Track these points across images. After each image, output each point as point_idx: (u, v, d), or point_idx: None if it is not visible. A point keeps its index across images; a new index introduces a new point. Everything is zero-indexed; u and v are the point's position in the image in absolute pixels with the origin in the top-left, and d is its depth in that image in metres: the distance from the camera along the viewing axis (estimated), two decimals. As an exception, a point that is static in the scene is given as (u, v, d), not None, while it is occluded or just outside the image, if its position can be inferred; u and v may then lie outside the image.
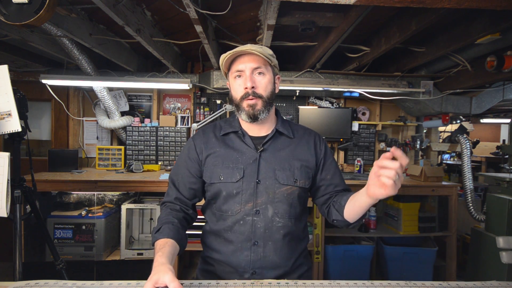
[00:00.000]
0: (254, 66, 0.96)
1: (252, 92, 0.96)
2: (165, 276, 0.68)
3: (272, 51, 0.99)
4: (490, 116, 4.88)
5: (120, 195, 2.81)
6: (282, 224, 0.97)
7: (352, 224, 0.95)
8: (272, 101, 1.01)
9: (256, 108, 0.97)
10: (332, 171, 1.05)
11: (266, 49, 0.97)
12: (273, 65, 1.01)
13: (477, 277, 2.31)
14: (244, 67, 0.96)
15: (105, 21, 2.01)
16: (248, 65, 0.95)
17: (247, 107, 0.97)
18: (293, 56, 2.84)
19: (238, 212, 0.96)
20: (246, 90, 0.96)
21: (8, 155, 1.45)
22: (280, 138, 1.04)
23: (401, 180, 0.73)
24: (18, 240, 1.51)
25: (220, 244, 0.99)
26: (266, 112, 0.99)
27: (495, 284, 0.83)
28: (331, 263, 2.53)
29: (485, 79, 2.37)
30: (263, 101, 0.97)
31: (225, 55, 0.96)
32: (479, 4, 1.15)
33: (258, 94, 0.96)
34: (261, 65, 0.96)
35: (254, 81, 0.96)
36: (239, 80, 0.98)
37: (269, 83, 0.99)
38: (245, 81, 0.95)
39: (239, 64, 0.96)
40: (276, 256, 0.96)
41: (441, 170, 2.74)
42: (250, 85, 0.95)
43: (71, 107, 3.10)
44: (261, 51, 0.94)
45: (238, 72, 0.97)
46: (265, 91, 0.98)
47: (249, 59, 0.95)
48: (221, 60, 0.99)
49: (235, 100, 1.00)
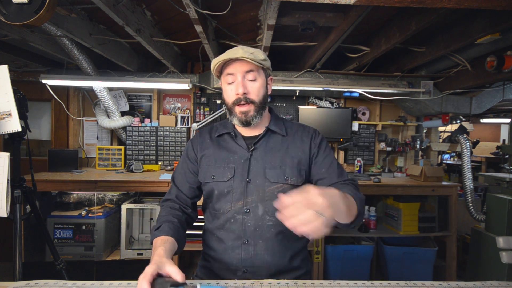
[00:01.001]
0: (246, 69, 0.96)
1: (244, 98, 0.96)
2: (171, 268, 0.69)
3: (264, 54, 0.97)
4: (490, 116, 4.89)
5: (120, 195, 2.81)
6: (273, 223, 0.97)
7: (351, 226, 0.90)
8: (265, 104, 1.02)
9: (249, 114, 0.98)
10: (327, 165, 1.01)
11: (258, 54, 0.95)
12: (265, 68, 1.00)
13: (477, 277, 2.31)
14: (235, 71, 0.96)
15: (105, 21, 2.01)
16: (239, 69, 0.95)
17: (240, 114, 0.98)
18: (293, 56, 2.84)
19: (229, 211, 0.98)
20: (238, 96, 0.96)
21: (8, 155, 1.45)
22: (272, 136, 1.05)
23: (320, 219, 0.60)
24: (18, 240, 1.51)
25: (215, 242, 1.01)
26: (259, 117, 1.00)
27: (495, 284, 0.83)
28: (331, 263, 2.53)
29: (485, 79, 2.37)
30: (256, 106, 0.98)
31: (216, 60, 0.95)
32: (479, 4, 1.15)
33: (250, 99, 0.97)
34: (253, 68, 0.96)
35: (246, 86, 0.96)
36: (231, 85, 0.98)
37: (262, 87, 0.99)
38: (237, 87, 0.96)
39: (231, 68, 0.96)
40: (268, 254, 0.96)
41: (441, 170, 2.74)
42: (242, 91, 0.95)
43: (71, 107, 3.10)
44: (252, 57, 0.93)
45: (230, 76, 0.97)
46: (257, 96, 0.98)
47: (241, 63, 0.95)
48: (212, 65, 0.99)
49: (227, 104, 1.01)
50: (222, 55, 0.95)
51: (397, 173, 3.08)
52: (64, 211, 2.61)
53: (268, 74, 1.04)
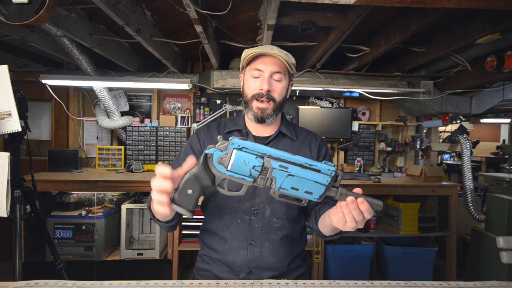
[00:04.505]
0: (275, 70, 0.96)
1: (267, 95, 0.96)
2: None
3: (294, 60, 1.00)
4: (490, 116, 4.88)
5: (120, 195, 2.81)
6: (279, 225, 0.96)
7: (328, 237, 0.90)
8: (283, 106, 1.03)
9: (266, 112, 0.98)
10: None
11: (291, 58, 0.98)
12: (291, 73, 1.02)
13: (477, 277, 2.31)
14: (264, 68, 0.96)
15: (105, 21, 2.01)
16: (269, 68, 0.96)
17: (256, 109, 0.98)
18: (293, 56, 2.84)
19: (236, 211, 0.96)
20: (261, 91, 0.96)
21: (8, 155, 1.45)
22: (283, 139, 1.05)
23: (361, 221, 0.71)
24: (18, 240, 1.51)
25: (217, 242, 0.99)
26: (275, 116, 1.00)
27: (495, 284, 0.83)
28: (331, 263, 2.53)
29: (485, 79, 2.37)
30: (275, 105, 0.98)
31: (249, 51, 0.96)
32: (479, 4, 1.15)
33: (272, 97, 0.97)
34: (281, 70, 0.97)
35: (271, 84, 0.97)
36: (256, 79, 0.98)
37: (284, 89, 1.01)
38: (263, 83, 0.96)
39: (261, 63, 0.97)
40: (273, 256, 0.96)
41: (441, 170, 2.74)
42: (266, 87, 0.96)
43: (71, 107, 3.10)
44: (286, 58, 0.95)
45: (257, 71, 0.97)
46: (279, 96, 0.99)
47: (272, 61, 0.96)
48: (243, 55, 0.99)
49: (246, 96, 1.00)
50: (256, 48, 0.96)
51: (397, 173, 3.08)
52: (64, 211, 2.61)
53: (291, 80, 1.05)
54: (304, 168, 0.66)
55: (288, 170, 0.66)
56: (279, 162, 0.66)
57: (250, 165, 0.65)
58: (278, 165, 0.65)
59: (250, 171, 0.66)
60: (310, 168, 0.66)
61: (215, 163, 0.67)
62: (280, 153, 0.66)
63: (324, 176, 0.66)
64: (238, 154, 0.65)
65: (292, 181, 0.66)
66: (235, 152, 0.65)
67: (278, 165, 0.65)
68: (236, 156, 0.65)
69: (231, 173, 0.67)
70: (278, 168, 0.66)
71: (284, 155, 0.66)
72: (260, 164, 0.65)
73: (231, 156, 0.65)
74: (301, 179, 0.66)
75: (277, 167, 0.65)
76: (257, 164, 0.65)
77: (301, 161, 0.66)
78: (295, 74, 1.05)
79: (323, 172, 0.66)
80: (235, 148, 0.66)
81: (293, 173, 0.66)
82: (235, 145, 0.66)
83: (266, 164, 0.66)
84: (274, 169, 0.66)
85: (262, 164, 0.65)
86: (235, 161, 0.65)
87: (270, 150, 0.66)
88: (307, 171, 0.66)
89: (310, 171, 0.66)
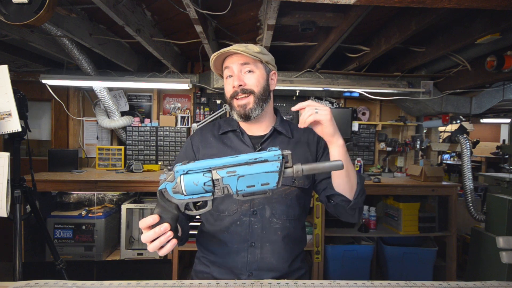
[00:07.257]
0: (241, 62, 0.95)
1: (241, 90, 0.95)
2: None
3: (261, 48, 0.97)
4: (490, 116, 4.88)
5: (120, 195, 2.81)
6: (280, 225, 0.95)
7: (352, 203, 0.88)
8: (266, 97, 0.99)
9: (247, 107, 0.96)
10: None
11: (252, 47, 0.95)
12: (264, 62, 0.99)
13: (477, 277, 2.31)
14: (231, 64, 0.96)
15: (105, 21, 2.01)
16: (235, 63, 0.96)
17: (238, 107, 0.97)
18: (293, 56, 2.84)
19: (235, 212, 0.95)
20: (234, 89, 0.96)
21: (8, 155, 1.45)
22: (278, 137, 1.03)
23: (323, 109, 0.83)
24: (18, 240, 1.51)
25: (216, 245, 0.97)
26: (259, 110, 0.97)
27: (495, 284, 0.83)
28: (331, 263, 2.53)
29: (485, 79, 2.37)
30: (255, 97, 0.96)
31: (212, 56, 0.97)
32: (479, 4, 1.15)
33: (248, 90, 0.96)
34: (249, 61, 0.96)
35: (241, 79, 0.96)
36: (229, 79, 0.98)
37: (261, 78, 0.98)
38: (233, 80, 0.96)
39: (228, 63, 0.97)
40: (274, 258, 0.94)
41: (441, 170, 2.74)
42: (237, 83, 0.95)
43: (71, 107, 3.10)
44: (245, 49, 0.92)
45: (227, 69, 0.98)
46: (256, 86, 0.96)
47: (237, 57, 0.96)
48: (210, 62, 1.00)
49: (227, 99, 1.01)
50: (217, 52, 0.96)
51: (397, 173, 3.08)
52: (64, 211, 2.61)
53: (270, 69, 1.02)
54: (251, 164, 0.68)
55: (237, 173, 0.67)
56: (224, 169, 0.68)
57: (201, 183, 0.68)
58: (225, 172, 0.68)
59: (204, 188, 0.68)
60: (256, 162, 0.68)
61: (172, 194, 0.71)
62: (223, 161, 0.68)
63: (273, 163, 0.67)
64: (186, 179, 0.68)
65: (245, 181, 0.68)
66: (182, 178, 0.69)
67: (225, 172, 0.68)
68: (185, 181, 0.68)
69: (188, 196, 0.70)
70: (226, 175, 0.68)
71: (227, 160, 0.68)
72: (209, 178, 0.68)
73: (181, 182, 0.68)
74: (252, 176, 0.67)
75: (225, 175, 0.68)
76: (206, 180, 0.68)
77: (245, 159, 0.68)
78: (271, 62, 1.01)
79: (270, 159, 0.68)
80: (181, 174, 0.69)
81: (242, 173, 0.67)
82: (180, 172, 0.69)
83: (214, 176, 0.68)
84: (223, 178, 0.68)
85: (210, 178, 0.68)
86: (186, 185, 0.68)
87: (213, 162, 0.69)
88: (254, 165, 0.67)
89: (257, 164, 0.68)
